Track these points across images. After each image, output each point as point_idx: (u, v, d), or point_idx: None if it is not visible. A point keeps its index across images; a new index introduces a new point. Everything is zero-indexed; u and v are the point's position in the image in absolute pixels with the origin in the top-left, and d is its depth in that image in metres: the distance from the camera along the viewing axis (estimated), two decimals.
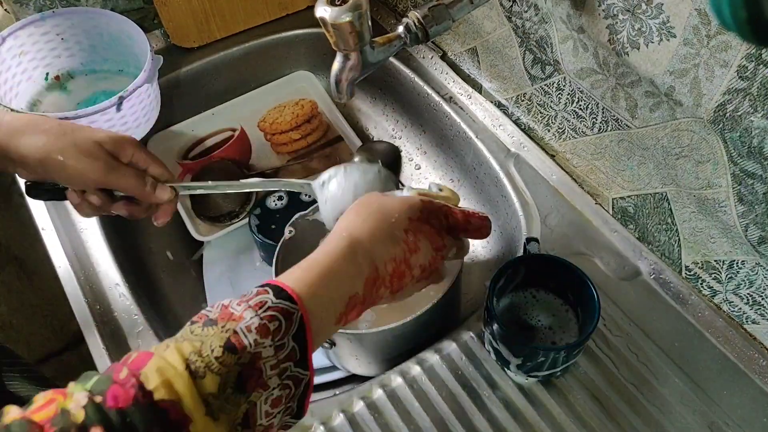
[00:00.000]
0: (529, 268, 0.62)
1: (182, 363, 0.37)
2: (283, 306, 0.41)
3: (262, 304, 0.40)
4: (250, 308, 0.40)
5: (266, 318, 0.40)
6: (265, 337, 0.39)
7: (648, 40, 0.55)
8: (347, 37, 0.54)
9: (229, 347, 0.38)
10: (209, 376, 0.37)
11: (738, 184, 0.56)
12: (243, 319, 0.39)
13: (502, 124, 0.84)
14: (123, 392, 0.35)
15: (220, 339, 0.38)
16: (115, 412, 0.34)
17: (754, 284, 0.61)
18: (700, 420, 0.59)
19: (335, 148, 0.92)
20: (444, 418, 0.61)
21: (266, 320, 0.39)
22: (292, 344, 0.40)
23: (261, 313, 0.40)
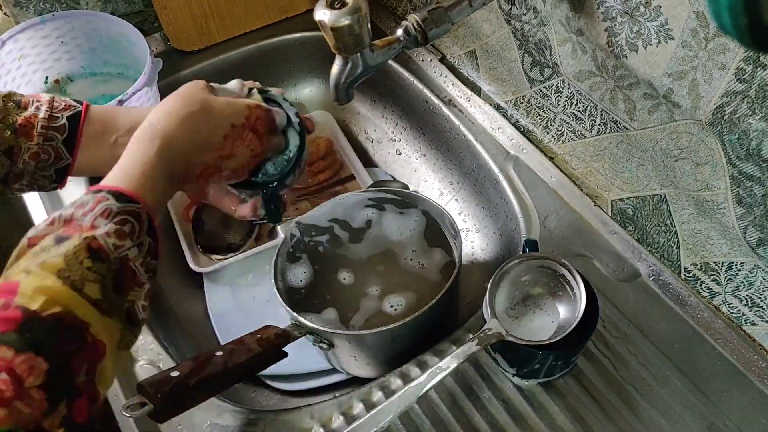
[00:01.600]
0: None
1: (58, 280, 0.38)
2: (129, 209, 0.43)
3: (109, 211, 0.43)
4: (99, 217, 0.42)
5: (119, 222, 0.42)
6: (124, 240, 0.42)
7: (646, 43, 0.55)
8: (346, 40, 0.54)
9: (96, 256, 0.40)
10: (88, 286, 0.39)
11: (736, 186, 0.56)
12: (97, 227, 0.42)
13: (501, 126, 0.84)
14: (8, 315, 0.36)
15: (84, 250, 0.40)
16: (9, 333, 0.36)
17: (753, 286, 0.61)
18: (699, 421, 0.60)
19: (345, 186, 0.92)
20: (444, 419, 0.61)
21: (120, 224, 0.42)
22: (148, 240, 0.44)
23: (113, 219, 0.42)
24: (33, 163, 0.57)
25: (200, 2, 0.92)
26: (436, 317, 0.66)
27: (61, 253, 0.40)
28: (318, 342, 0.65)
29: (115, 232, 0.42)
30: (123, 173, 0.47)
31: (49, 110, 0.57)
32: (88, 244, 0.40)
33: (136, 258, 0.42)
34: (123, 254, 0.41)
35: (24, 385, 0.35)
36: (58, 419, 0.36)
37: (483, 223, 0.87)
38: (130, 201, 0.44)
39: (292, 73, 1.04)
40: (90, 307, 0.39)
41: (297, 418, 0.61)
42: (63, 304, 0.38)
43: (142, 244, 0.43)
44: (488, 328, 0.57)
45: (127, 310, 0.42)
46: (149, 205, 0.45)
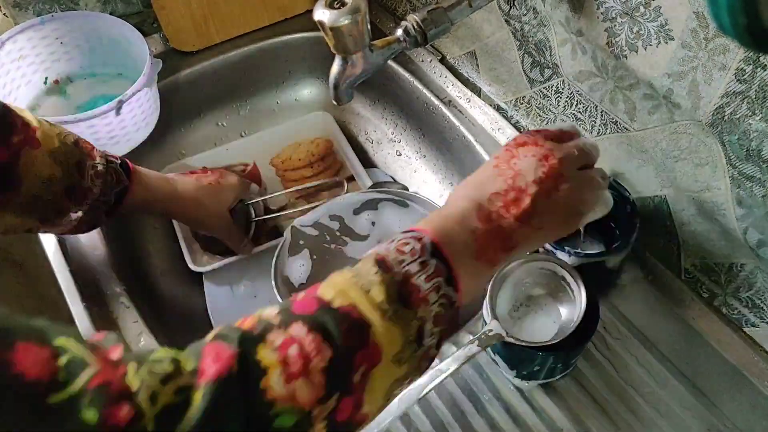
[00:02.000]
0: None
1: (350, 281, 0.41)
2: (411, 236, 0.44)
3: (393, 239, 0.45)
4: (386, 244, 0.44)
5: (399, 244, 0.44)
6: (404, 255, 0.43)
7: (646, 43, 0.55)
8: (346, 41, 0.54)
9: (379, 264, 0.42)
10: (375, 288, 0.41)
11: (737, 187, 0.56)
12: (381, 247, 0.44)
13: (501, 127, 0.84)
14: (306, 302, 0.40)
15: (368, 261, 0.42)
16: (305, 315, 0.38)
17: (754, 287, 0.61)
18: (699, 423, 0.59)
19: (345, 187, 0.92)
20: (444, 421, 0.61)
21: (399, 245, 0.44)
22: (433, 261, 0.43)
23: (394, 243, 0.44)
24: (99, 182, 0.63)
25: (199, 3, 0.92)
26: None
27: (356, 267, 0.43)
28: None
29: (396, 249, 0.43)
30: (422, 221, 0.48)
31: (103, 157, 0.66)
32: (375, 259, 0.42)
33: (418, 273, 0.42)
34: (405, 269, 0.42)
35: (309, 365, 0.36)
36: (326, 411, 0.37)
37: None
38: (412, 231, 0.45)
39: (291, 74, 1.04)
40: (373, 308, 0.40)
41: None
42: (350, 299, 0.40)
43: (426, 263, 0.43)
44: (489, 329, 0.57)
45: (418, 329, 0.41)
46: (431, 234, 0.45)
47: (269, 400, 0.35)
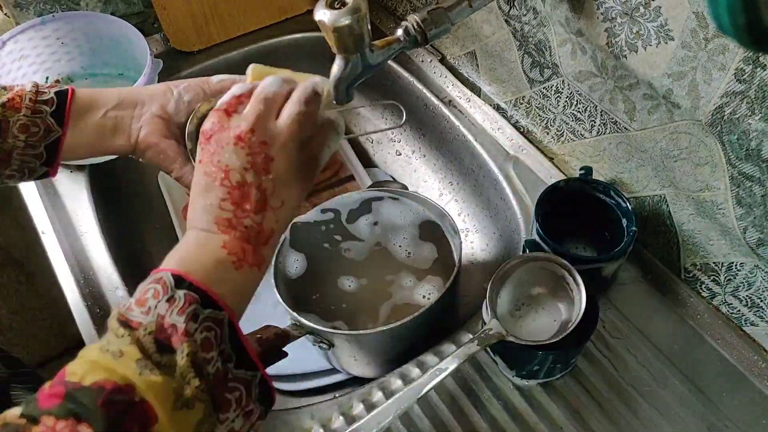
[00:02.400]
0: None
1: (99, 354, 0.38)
2: (150, 281, 0.42)
3: (136, 292, 0.41)
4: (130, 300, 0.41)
5: (140, 294, 0.41)
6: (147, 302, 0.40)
7: (646, 43, 0.55)
8: (346, 41, 0.54)
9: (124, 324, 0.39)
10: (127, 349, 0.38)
11: (736, 186, 0.56)
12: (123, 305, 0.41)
13: (501, 127, 0.84)
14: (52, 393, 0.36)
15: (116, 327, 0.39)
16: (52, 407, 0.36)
17: (753, 286, 0.61)
18: (699, 422, 0.60)
19: (345, 187, 0.92)
20: (444, 420, 0.61)
21: (140, 296, 0.41)
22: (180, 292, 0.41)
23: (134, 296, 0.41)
24: (22, 137, 0.55)
25: (200, 3, 0.92)
26: (435, 318, 0.66)
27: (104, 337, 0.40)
28: (318, 342, 0.65)
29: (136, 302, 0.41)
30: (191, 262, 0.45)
31: (35, 87, 0.57)
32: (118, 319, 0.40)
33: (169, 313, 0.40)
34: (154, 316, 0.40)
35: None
36: None
37: (483, 223, 0.87)
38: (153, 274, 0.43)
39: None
40: (132, 368, 0.37)
41: (297, 419, 0.62)
42: (103, 370, 0.37)
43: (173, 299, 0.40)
44: (488, 328, 0.57)
45: (192, 364, 0.39)
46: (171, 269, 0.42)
47: None
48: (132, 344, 0.38)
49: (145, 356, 0.38)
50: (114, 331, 0.39)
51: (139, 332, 0.39)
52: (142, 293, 0.41)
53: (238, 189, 0.45)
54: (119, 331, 0.39)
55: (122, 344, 0.38)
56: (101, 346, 0.39)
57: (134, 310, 0.40)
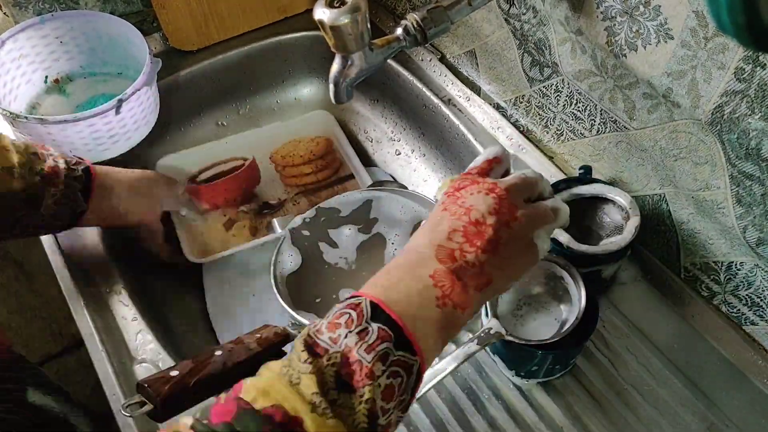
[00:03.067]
0: None
1: (277, 375, 0.37)
2: (347, 303, 0.40)
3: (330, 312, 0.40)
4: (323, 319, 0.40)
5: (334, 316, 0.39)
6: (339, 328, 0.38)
7: (646, 42, 0.55)
8: (346, 40, 0.54)
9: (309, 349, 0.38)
10: (304, 379, 0.36)
11: (736, 185, 0.56)
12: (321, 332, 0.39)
13: (501, 126, 0.84)
14: (224, 408, 0.36)
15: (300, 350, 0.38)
16: (221, 425, 0.35)
17: (753, 285, 0.61)
18: (699, 421, 0.60)
19: (344, 186, 0.92)
20: (443, 419, 0.61)
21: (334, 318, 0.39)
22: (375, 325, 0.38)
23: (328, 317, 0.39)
24: (55, 209, 0.64)
25: (199, 2, 0.92)
26: None
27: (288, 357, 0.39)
28: None
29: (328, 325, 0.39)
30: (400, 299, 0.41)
31: (66, 163, 0.65)
32: (305, 341, 0.39)
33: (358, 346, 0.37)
34: (342, 345, 0.37)
35: None
36: None
37: None
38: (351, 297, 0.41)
39: (291, 73, 1.04)
40: (304, 403, 0.36)
41: None
42: (275, 397, 0.36)
43: (366, 331, 0.38)
44: (488, 327, 0.57)
45: (368, 412, 0.37)
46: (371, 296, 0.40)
47: None
48: (312, 374, 0.36)
49: (322, 391, 0.36)
50: (298, 353, 0.38)
51: (322, 361, 0.37)
52: (336, 316, 0.39)
53: (475, 225, 0.43)
54: (303, 354, 0.37)
55: (303, 370, 0.37)
56: (283, 364, 0.38)
57: (324, 334, 0.38)
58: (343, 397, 0.37)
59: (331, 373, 0.37)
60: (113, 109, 0.76)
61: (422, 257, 0.42)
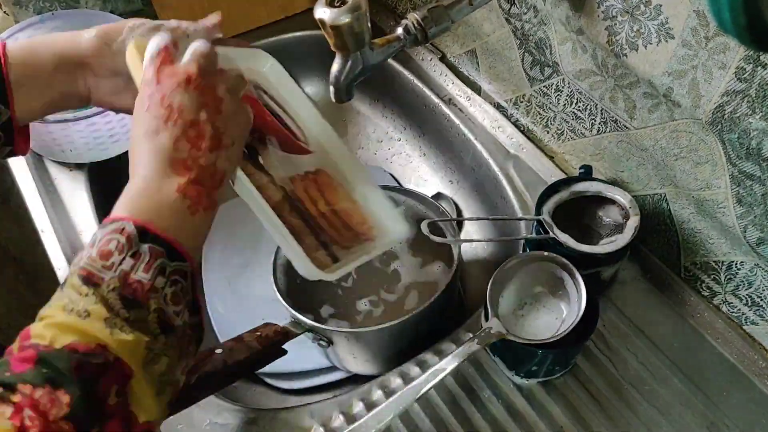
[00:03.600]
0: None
1: (61, 311, 0.38)
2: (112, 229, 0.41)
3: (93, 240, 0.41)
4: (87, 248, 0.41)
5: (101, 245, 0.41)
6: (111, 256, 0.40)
7: (646, 42, 0.55)
8: (346, 39, 0.54)
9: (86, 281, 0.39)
10: (93, 310, 0.38)
11: (736, 185, 0.56)
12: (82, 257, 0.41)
13: (502, 125, 0.84)
14: (23, 357, 0.37)
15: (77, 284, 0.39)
16: (26, 372, 0.36)
17: (753, 285, 0.61)
18: (699, 421, 0.60)
19: None
20: (444, 419, 0.61)
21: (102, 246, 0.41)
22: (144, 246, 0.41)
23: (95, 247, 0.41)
24: None
25: (200, 1, 0.92)
26: (435, 316, 0.66)
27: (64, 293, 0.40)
28: (317, 339, 0.65)
29: (99, 254, 0.40)
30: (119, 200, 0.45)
31: None
32: (80, 275, 0.40)
33: (135, 269, 0.40)
34: (119, 271, 0.40)
35: (49, 419, 0.35)
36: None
37: (483, 222, 0.87)
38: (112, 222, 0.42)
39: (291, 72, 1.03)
40: (101, 328, 0.38)
41: (296, 417, 0.61)
42: (72, 332, 0.37)
43: (138, 254, 0.40)
44: (488, 327, 0.57)
45: (158, 320, 0.40)
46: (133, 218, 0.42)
47: None
48: (98, 303, 0.38)
49: (113, 314, 0.38)
50: (76, 288, 0.39)
51: (103, 289, 0.39)
52: (104, 243, 0.40)
53: (193, 127, 0.45)
54: (82, 289, 0.39)
55: (87, 303, 0.38)
56: (64, 305, 0.39)
57: (96, 263, 0.40)
58: (134, 312, 0.39)
59: (116, 297, 0.39)
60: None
61: (162, 179, 0.44)
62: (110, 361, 0.37)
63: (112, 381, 0.37)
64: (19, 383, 0.35)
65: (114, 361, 0.37)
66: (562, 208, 0.66)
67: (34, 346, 0.37)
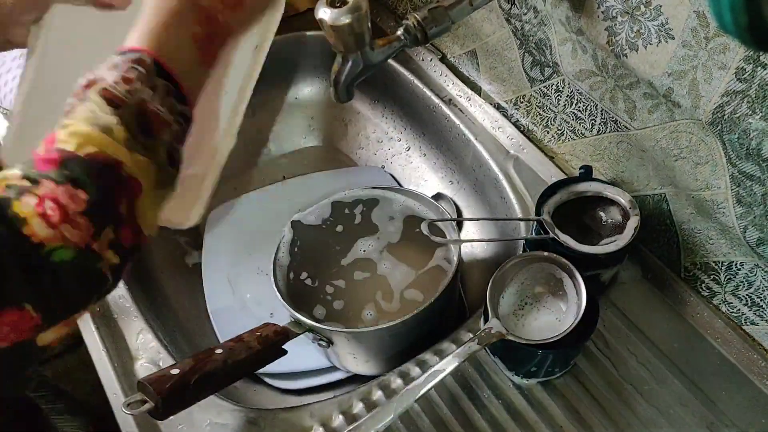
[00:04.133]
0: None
1: (88, 126, 0.41)
2: (131, 57, 0.45)
3: (114, 63, 0.44)
4: (107, 70, 0.44)
5: (124, 70, 0.44)
6: (132, 83, 0.43)
7: (647, 42, 0.55)
8: (347, 39, 0.54)
9: (113, 103, 0.42)
10: (115, 129, 0.41)
11: (736, 185, 0.56)
12: (105, 79, 0.43)
13: (502, 126, 0.84)
14: (47, 157, 0.40)
15: (101, 100, 0.42)
16: (51, 171, 0.39)
17: (753, 285, 0.61)
18: (698, 421, 0.60)
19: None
20: (444, 418, 0.61)
21: (124, 72, 0.44)
22: (161, 81, 0.45)
23: (118, 69, 0.44)
24: None
25: None
26: (434, 316, 0.66)
27: (86, 107, 0.42)
28: (317, 339, 0.65)
29: (122, 79, 0.43)
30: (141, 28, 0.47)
31: None
32: (103, 95, 0.42)
33: (152, 100, 0.43)
34: (138, 98, 0.43)
35: (68, 212, 0.38)
36: (106, 242, 0.40)
37: (483, 222, 0.87)
38: (131, 51, 0.45)
39: (292, 72, 1.04)
40: (120, 146, 0.41)
41: (297, 417, 0.62)
42: (95, 144, 0.41)
43: (155, 87, 0.44)
44: (488, 327, 0.57)
45: (167, 152, 0.44)
46: (156, 52, 0.45)
47: (36, 242, 0.37)
48: (119, 125, 0.42)
49: (131, 136, 0.42)
50: (98, 104, 0.42)
51: (124, 111, 0.42)
52: (126, 70, 0.43)
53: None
54: (105, 107, 0.42)
55: (110, 121, 0.41)
56: (87, 117, 0.41)
57: (120, 86, 0.43)
58: (150, 141, 0.43)
59: (133, 121, 0.42)
60: None
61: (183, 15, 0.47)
62: (124, 176, 0.41)
63: (124, 194, 0.41)
64: (44, 179, 0.39)
65: (127, 177, 0.41)
66: (562, 209, 0.66)
67: (59, 150, 0.40)
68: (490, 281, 0.60)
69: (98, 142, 0.41)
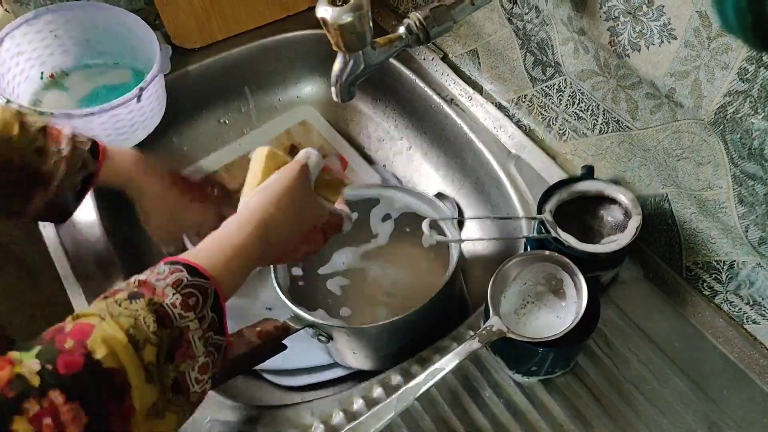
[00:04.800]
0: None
1: (124, 336, 0.40)
2: (198, 283, 0.45)
3: (179, 282, 0.45)
4: (170, 286, 0.44)
5: (185, 294, 0.44)
6: (189, 311, 0.44)
7: (649, 42, 0.55)
8: (348, 38, 0.54)
9: (161, 322, 0.42)
10: (148, 348, 0.41)
11: (738, 185, 0.56)
12: (167, 296, 0.44)
13: (503, 125, 0.84)
14: (72, 360, 0.39)
15: (151, 314, 0.42)
16: (68, 377, 0.38)
17: (755, 284, 0.61)
18: (700, 420, 0.60)
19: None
20: (444, 417, 0.61)
21: (185, 297, 0.44)
22: (211, 315, 0.45)
23: (180, 291, 0.44)
24: (63, 167, 0.61)
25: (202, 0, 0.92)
26: (434, 313, 0.66)
27: (133, 310, 0.42)
28: (317, 335, 0.65)
29: (181, 303, 0.44)
30: (206, 251, 0.49)
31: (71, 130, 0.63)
32: (155, 310, 0.42)
33: (195, 330, 0.44)
34: (184, 324, 0.43)
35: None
36: None
37: (484, 221, 0.87)
38: (200, 276, 0.46)
39: (293, 71, 1.04)
40: (140, 369, 0.40)
41: (297, 414, 0.62)
42: (120, 359, 0.40)
43: (203, 318, 0.44)
44: (490, 325, 0.57)
45: (175, 379, 0.42)
46: (218, 283, 0.47)
47: None
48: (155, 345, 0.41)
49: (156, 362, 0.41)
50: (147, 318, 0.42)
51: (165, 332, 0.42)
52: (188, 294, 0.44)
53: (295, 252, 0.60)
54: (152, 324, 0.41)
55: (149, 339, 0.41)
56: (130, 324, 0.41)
57: (177, 308, 0.43)
58: (164, 366, 0.42)
59: (168, 344, 0.42)
60: (135, 97, 0.77)
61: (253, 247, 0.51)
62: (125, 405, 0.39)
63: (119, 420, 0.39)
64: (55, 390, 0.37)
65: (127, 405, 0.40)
66: (563, 208, 0.66)
67: (86, 356, 0.39)
68: (491, 280, 0.60)
69: (124, 357, 0.40)
